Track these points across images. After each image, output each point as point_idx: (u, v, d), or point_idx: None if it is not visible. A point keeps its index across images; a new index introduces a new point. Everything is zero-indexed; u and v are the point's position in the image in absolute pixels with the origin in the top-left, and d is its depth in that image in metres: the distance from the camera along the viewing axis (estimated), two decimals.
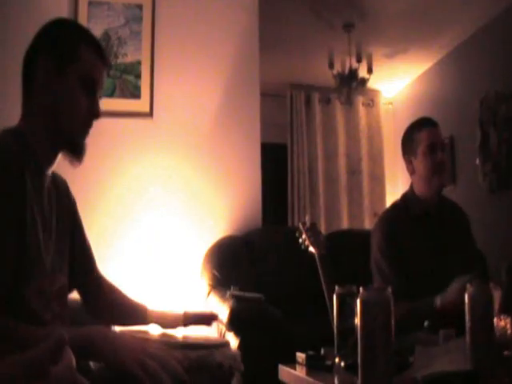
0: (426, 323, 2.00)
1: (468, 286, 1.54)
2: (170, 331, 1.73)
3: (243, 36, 3.66)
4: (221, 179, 3.48)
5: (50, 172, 1.57)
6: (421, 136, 2.67)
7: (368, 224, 6.16)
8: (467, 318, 1.53)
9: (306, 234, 2.47)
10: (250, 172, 3.57)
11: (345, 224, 6.28)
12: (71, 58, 1.53)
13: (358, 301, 1.32)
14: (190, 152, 3.43)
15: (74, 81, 1.53)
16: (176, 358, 1.33)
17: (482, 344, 1.50)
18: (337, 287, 1.63)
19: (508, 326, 1.54)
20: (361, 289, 1.33)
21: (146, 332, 1.64)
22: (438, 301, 2.32)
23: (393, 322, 1.27)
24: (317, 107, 6.36)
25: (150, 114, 3.39)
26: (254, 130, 3.62)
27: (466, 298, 1.53)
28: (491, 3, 4.71)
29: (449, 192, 2.84)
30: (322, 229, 5.86)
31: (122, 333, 1.56)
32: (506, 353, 1.56)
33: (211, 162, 3.47)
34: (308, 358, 1.86)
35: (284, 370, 1.92)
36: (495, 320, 1.73)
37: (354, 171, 6.48)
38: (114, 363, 1.25)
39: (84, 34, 1.63)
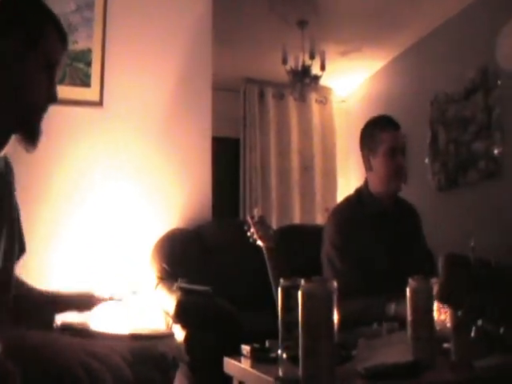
0: (374, 325, 2.01)
1: (410, 280, 1.56)
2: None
3: (196, 28, 3.64)
4: (171, 171, 3.45)
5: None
6: (384, 136, 2.68)
7: (320, 219, 6.20)
8: (409, 311, 1.56)
9: (255, 228, 2.48)
10: (200, 165, 3.56)
11: (297, 219, 6.31)
12: (37, 37, 1.47)
13: (300, 292, 1.33)
14: (140, 143, 3.40)
15: (37, 61, 1.47)
16: (119, 354, 1.31)
17: (422, 337, 1.53)
18: (282, 280, 1.64)
19: (448, 319, 1.57)
20: (302, 281, 1.34)
21: (84, 324, 1.61)
22: (392, 309, 2.32)
23: (335, 313, 1.28)
24: (270, 102, 6.38)
25: (100, 103, 3.33)
26: (206, 123, 3.60)
27: (408, 292, 1.56)
28: (444, 7, 4.80)
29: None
30: (274, 223, 5.89)
31: (61, 334, 1.52)
32: (445, 345, 1.59)
33: (161, 154, 3.44)
34: (253, 350, 1.86)
35: (229, 363, 1.92)
36: (436, 314, 1.77)
37: (306, 167, 6.52)
38: (55, 366, 1.18)
39: (51, 14, 1.55)
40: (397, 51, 5.73)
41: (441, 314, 1.79)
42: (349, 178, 6.31)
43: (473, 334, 1.13)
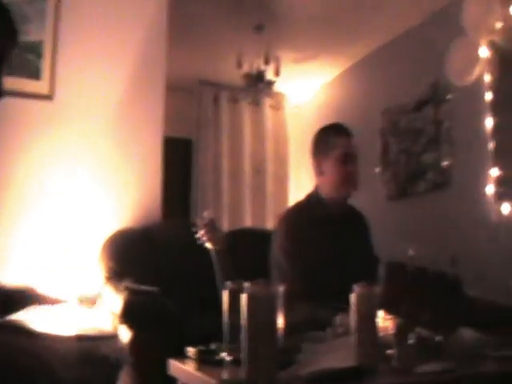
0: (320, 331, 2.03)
1: (354, 287, 1.59)
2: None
3: (151, 27, 3.62)
4: (121, 170, 3.43)
5: None
6: (337, 142, 2.71)
7: (271, 224, 6.21)
8: (352, 317, 1.58)
9: (204, 230, 2.47)
10: (151, 164, 3.54)
11: (248, 222, 6.31)
12: None
13: (244, 295, 1.33)
14: (90, 140, 3.36)
15: None
16: (58, 354, 1.29)
17: (365, 342, 1.56)
18: (228, 283, 1.64)
19: (391, 326, 1.60)
20: (246, 284, 1.35)
21: (26, 322, 1.58)
22: (338, 320, 2.34)
23: (279, 317, 1.29)
24: (224, 105, 6.37)
25: (50, 96, 3.28)
26: (158, 122, 3.58)
27: (352, 298, 1.58)
28: (399, 21, 4.88)
29: (350, 198, 2.91)
30: (225, 226, 5.88)
31: None
32: (389, 351, 1.62)
33: (111, 152, 3.41)
34: (198, 352, 1.86)
35: (173, 365, 1.91)
36: (380, 320, 1.80)
37: (258, 171, 6.53)
38: None
39: (2, 7, 1.52)
40: (351, 61, 5.79)
41: (385, 321, 1.82)
42: (301, 184, 6.34)
43: (411, 341, 1.15)
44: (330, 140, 2.73)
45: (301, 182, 6.34)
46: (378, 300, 1.09)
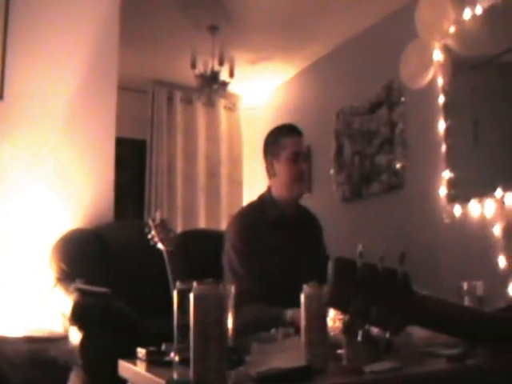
0: (272, 331, 2.03)
1: (304, 286, 1.59)
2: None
3: (103, 26, 3.59)
4: (72, 170, 3.38)
5: None
6: (287, 142, 2.72)
7: (225, 226, 6.19)
8: (303, 317, 1.58)
9: (156, 230, 2.46)
10: (103, 165, 3.50)
11: (202, 224, 6.29)
12: None
13: (192, 295, 1.33)
14: (41, 139, 3.31)
15: None
16: (6, 356, 1.26)
17: (315, 342, 1.56)
18: (177, 283, 1.63)
19: (341, 326, 1.61)
20: (194, 283, 1.34)
21: None
22: (289, 315, 2.34)
23: (229, 317, 1.29)
24: (179, 106, 6.33)
25: (1, 96, 3.22)
26: (110, 122, 3.55)
27: (302, 298, 1.58)
28: (353, 22, 4.93)
29: (305, 200, 2.92)
30: (179, 227, 5.85)
31: None
32: (339, 351, 1.62)
33: (63, 152, 3.37)
34: (148, 353, 1.84)
35: (124, 366, 1.89)
36: (331, 320, 1.81)
37: (212, 173, 6.52)
38: None
39: None
40: (305, 63, 5.83)
41: (336, 321, 1.83)
42: (255, 186, 6.34)
43: (359, 339, 1.15)
44: (281, 141, 2.74)
45: (255, 183, 6.34)
46: (325, 297, 1.09)
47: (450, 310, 1.17)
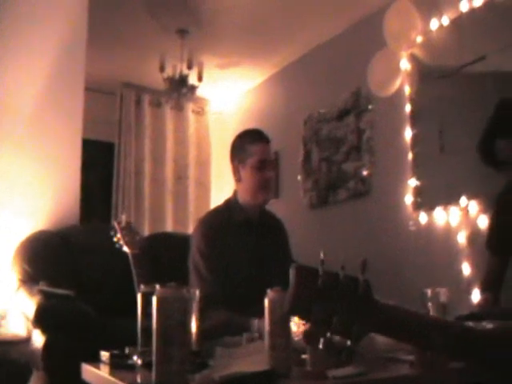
0: (237, 336, 2.03)
1: (268, 291, 1.59)
2: None
3: (71, 27, 3.57)
4: (37, 172, 3.35)
5: None
6: (253, 149, 2.71)
7: (192, 229, 6.17)
8: (266, 321, 1.59)
9: (121, 233, 2.44)
10: (69, 166, 3.47)
11: (169, 227, 6.27)
12: None
13: (154, 298, 1.32)
14: (6, 139, 3.27)
15: None
16: None
17: (279, 346, 1.56)
18: (142, 286, 1.62)
19: (302, 335, 1.60)
20: (157, 286, 1.34)
21: None
22: (255, 325, 2.34)
23: (192, 320, 1.28)
24: (147, 109, 6.29)
25: None
26: (77, 124, 3.52)
27: (266, 303, 1.59)
28: (321, 30, 4.96)
29: (272, 205, 2.93)
30: (146, 231, 5.83)
31: None
32: (303, 356, 1.63)
33: (28, 153, 3.33)
34: (112, 356, 1.83)
35: (86, 369, 1.88)
36: (295, 325, 1.81)
37: (180, 176, 6.50)
38: None
39: None
40: (274, 69, 5.84)
41: (300, 326, 1.83)
42: (223, 190, 6.34)
43: (321, 346, 1.15)
44: (247, 147, 2.73)
45: (223, 187, 6.34)
46: (286, 305, 1.09)
47: (410, 318, 1.18)
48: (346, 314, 1.06)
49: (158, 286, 1.33)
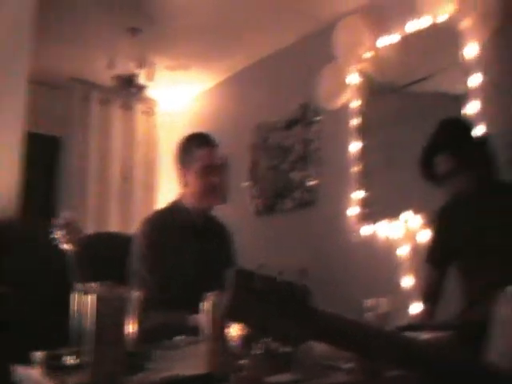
0: (177, 338, 2.01)
1: (208, 295, 1.58)
2: None
3: (14, 18, 3.47)
4: None
5: None
6: (199, 154, 2.69)
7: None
8: (205, 325, 1.58)
9: (61, 230, 2.40)
10: (8, 160, 3.37)
11: (113, 227, 6.17)
12: None
13: (89, 296, 1.30)
14: None
15: None
16: None
17: (217, 350, 1.55)
18: (77, 284, 1.60)
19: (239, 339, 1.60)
20: (93, 285, 1.31)
21: None
22: (192, 321, 2.32)
23: (128, 321, 1.26)
24: (94, 106, 6.19)
25: None
26: (18, 116, 3.42)
27: (205, 306, 1.58)
28: (272, 39, 4.99)
29: (218, 210, 2.90)
30: (90, 230, 5.72)
31: None
32: (241, 361, 1.62)
33: None
34: (45, 357, 1.78)
35: (18, 370, 1.83)
36: (235, 330, 1.80)
37: (126, 176, 6.42)
38: None
39: None
40: (225, 74, 5.84)
41: (239, 330, 1.82)
42: (169, 192, 6.28)
43: (258, 351, 1.15)
44: (193, 152, 2.70)
45: (170, 189, 6.29)
46: (222, 309, 1.07)
47: (347, 326, 1.18)
48: (283, 319, 1.05)
49: (93, 285, 1.30)
